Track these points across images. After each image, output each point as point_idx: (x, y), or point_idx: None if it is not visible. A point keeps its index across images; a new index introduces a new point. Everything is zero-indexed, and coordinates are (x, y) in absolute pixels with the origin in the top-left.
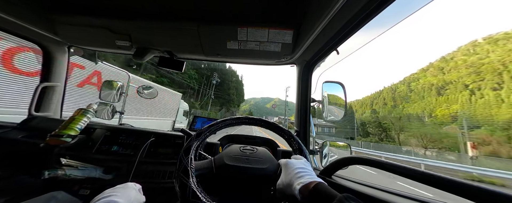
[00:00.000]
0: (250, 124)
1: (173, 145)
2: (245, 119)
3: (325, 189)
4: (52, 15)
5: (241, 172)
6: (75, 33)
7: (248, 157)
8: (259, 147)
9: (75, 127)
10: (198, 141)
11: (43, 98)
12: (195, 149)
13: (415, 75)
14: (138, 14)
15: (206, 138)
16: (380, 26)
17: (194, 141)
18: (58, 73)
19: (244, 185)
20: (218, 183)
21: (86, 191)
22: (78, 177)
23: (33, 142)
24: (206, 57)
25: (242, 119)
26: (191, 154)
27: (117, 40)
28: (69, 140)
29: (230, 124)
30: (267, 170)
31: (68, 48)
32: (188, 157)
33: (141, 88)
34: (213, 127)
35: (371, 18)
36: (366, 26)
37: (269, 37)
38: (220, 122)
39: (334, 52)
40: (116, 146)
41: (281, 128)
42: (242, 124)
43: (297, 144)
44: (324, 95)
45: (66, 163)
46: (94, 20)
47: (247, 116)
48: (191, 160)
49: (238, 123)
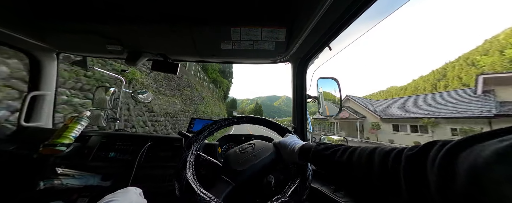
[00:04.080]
0: (253, 122)
1: (172, 148)
2: (248, 118)
3: (308, 145)
4: (39, 21)
5: (257, 169)
6: (63, 39)
7: (252, 153)
8: (253, 140)
9: (69, 135)
10: (200, 137)
11: (33, 108)
12: (196, 145)
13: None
14: (128, 17)
15: (208, 135)
16: (370, 21)
17: (197, 136)
18: (47, 81)
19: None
20: (244, 192)
21: (85, 199)
22: (76, 185)
23: (25, 153)
24: (201, 58)
25: (246, 118)
26: (193, 148)
27: (108, 45)
28: (64, 148)
29: (231, 123)
30: (272, 155)
31: (57, 55)
32: (189, 151)
33: (136, 93)
34: (214, 126)
35: (361, 13)
36: (356, 21)
37: (263, 36)
38: (221, 120)
39: (327, 48)
40: (113, 152)
41: (260, 118)
42: (241, 123)
43: (278, 127)
44: (319, 92)
45: (62, 172)
46: (82, 25)
47: (243, 115)
48: (192, 154)
49: (237, 123)
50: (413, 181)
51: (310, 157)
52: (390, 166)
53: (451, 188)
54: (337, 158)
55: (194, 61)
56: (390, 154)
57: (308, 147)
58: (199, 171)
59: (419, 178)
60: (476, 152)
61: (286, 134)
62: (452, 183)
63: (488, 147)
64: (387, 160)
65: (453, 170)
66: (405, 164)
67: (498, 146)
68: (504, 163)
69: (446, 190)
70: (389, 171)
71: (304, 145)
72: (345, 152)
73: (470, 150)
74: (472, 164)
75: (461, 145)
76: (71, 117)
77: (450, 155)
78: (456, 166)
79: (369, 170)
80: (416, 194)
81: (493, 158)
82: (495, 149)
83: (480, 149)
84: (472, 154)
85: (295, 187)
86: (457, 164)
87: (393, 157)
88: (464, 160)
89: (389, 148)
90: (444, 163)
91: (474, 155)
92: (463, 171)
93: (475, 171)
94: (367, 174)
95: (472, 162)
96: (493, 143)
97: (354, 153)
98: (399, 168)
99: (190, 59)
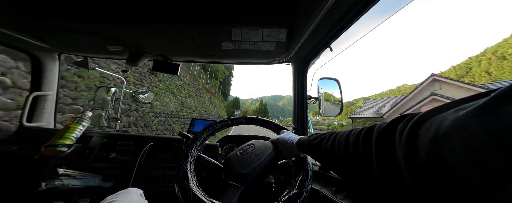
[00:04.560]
0: (247, 123)
1: (173, 148)
2: (243, 118)
3: (303, 138)
4: (40, 21)
5: (261, 169)
6: (65, 39)
7: (254, 154)
8: (252, 141)
9: (71, 136)
10: (196, 144)
11: (35, 108)
12: (194, 151)
13: None
14: (130, 18)
15: (205, 140)
16: (372, 21)
17: (192, 144)
18: (49, 82)
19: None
20: (252, 192)
21: (86, 200)
22: (77, 186)
23: (27, 153)
24: (201, 59)
25: (240, 119)
26: (190, 158)
27: (109, 45)
28: (65, 149)
29: (226, 125)
30: (272, 153)
31: (58, 55)
32: (188, 160)
33: (136, 93)
34: (210, 129)
35: (363, 14)
36: (357, 22)
37: (263, 37)
38: (218, 123)
39: (328, 49)
40: (114, 153)
41: (254, 118)
42: (236, 124)
43: (273, 125)
44: (320, 92)
45: (63, 173)
46: (84, 26)
47: (237, 117)
48: (190, 163)
49: (232, 124)
50: (384, 156)
51: (305, 149)
52: (361, 144)
53: (416, 161)
54: (324, 145)
55: (194, 61)
56: (361, 132)
57: (303, 140)
58: (200, 175)
59: (388, 153)
60: (437, 122)
61: (282, 131)
62: (416, 156)
63: (448, 116)
64: (358, 138)
65: (416, 143)
66: (376, 139)
67: (457, 114)
68: (460, 132)
69: (412, 163)
70: (360, 148)
71: (300, 138)
72: (330, 138)
73: (432, 120)
74: (432, 135)
75: (426, 115)
76: (72, 118)
77: (415, 127)
78: (419, 138)
79: (346, 151)
80: (386, 169)
81: (451, 128)
82: (453, 118)
83: (441, 118)
84: (433, 124)
85: (301, 178)
86: (420, 136)
87: (364, 134)
88: (426, 131)
89: (362, 127)
90: (410, 135)
91: (435, 125)
92: (424, 142)
93: (434, 142)
94: (345, 156)
95: (433, 133)
96: (454, 111)
97: (336, 137)
98: (371, 144)
99: (190, 60)
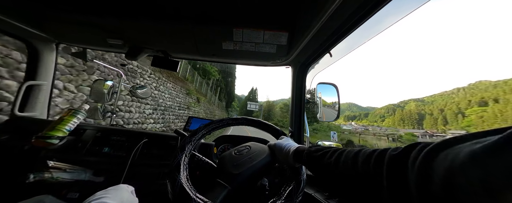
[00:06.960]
0: (248, 124)
1: (167, 146)
2: (244, 119)
3: (302, 147)
4: (40, 10)
5: (252, 171)
6: (64, 30)
7: (248, 156)
8: (249, 143)
9: (64, 128)
10: (194, 138)
11: (28, 97)
12: (191, 145)
13: None
14: (131, 12)
15: (204, 136)
16: (372, 30)
17: (190, 138)
18: (45, 71)
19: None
20: (239, 195)
21: (75, 194)
22: (66, 179)
23: (17, 144)
24: (202, 57)
25: (241, 119)
26: (186, 151)
27: (109, 38)
28: (57, 141)
29: (226, 124)
30: (267, 158)
31: (56, 45)
32: (183, 153)
33: (134, 88)
34: (210, 126)
35: (363, 22)
36: (358, 30)
37: (264, 39)
38: (217, 121)
39: (327, 55)
40: (107, 148)
41: (256, 120)
42: (236, 124)
43: (273, 129)
44: (318, 97)
45: (53, 166)
46: (84, 17)
47: (238, 117)
48: (185, 156)
49: (233, 124)
50: (395, 180)
51: (303, 159)
52: (372, 166)
53: (429, 189)
54: (327, 159)
55: (195, 59)
56: (373, 154)
57: (302, 149)
58: (194, 173)
59: (400, 177)
60: (453, 154)
61: (281, 136)
62: (430, 184)
63: (463, 149)
64: (369, 160)
65: (431, 171)
66: (388, 163)
67: (472, 148)
68: (476, 165)
69: (425, 190)
70: (371, 170)
71: (298, 147)
72: (334, 154)
73: (447, 152)
74: (448, 165)
75: (440, 146)
76: (68, 110)
77: (429, 156)
78: (434, 167)
79: (354, 169)
80: (396, 192)
81: (467, 160)
82: (469, 151)
83: (456, 151)
84: (449, 155)
85: (290, 189)
86: (435, 165)
87: (375, 157)
88: (441, 161)
89: (373, 149)
90: (424, 163)
91: (451, 156)
92: (440, 172)
93: (450, 172)
94: (352, 174)
95: (448, 163)
96: (469, 145)
97: (342, 154)
98: (382, 167)
99: (190, 57)
